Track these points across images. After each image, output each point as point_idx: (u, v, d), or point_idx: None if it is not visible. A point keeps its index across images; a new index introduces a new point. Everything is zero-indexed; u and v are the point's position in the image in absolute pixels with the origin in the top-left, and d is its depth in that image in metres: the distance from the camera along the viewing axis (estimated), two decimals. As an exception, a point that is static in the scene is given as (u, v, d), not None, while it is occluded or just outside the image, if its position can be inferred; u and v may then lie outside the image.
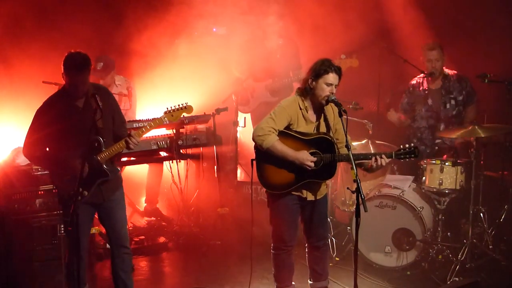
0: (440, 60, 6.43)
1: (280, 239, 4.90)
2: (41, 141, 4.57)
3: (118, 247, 4.79)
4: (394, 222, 5.86)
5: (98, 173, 4.59)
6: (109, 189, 4.71)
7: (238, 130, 7.62)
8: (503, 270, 5.71)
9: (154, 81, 7.33)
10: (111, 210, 4.75)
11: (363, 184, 4.46)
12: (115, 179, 4.76)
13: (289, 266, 5.03)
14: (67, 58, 4.49)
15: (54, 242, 5.57)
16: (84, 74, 4.48)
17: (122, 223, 4.82)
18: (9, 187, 5.48)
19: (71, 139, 4.55)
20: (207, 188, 7.10)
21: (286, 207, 4.81)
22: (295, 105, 4.74)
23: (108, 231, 4.83)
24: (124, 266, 4.83)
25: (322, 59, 4.73)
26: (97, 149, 4.56)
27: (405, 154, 4.69)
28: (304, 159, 4.63)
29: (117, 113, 4.79)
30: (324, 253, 5.05)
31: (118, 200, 4.80)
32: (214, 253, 6.37)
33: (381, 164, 4.62)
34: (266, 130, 4.65)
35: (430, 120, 6.56)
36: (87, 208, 4.65)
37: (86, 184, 4.54)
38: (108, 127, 4.65)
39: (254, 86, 7.33)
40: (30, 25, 6.79)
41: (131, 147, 4.57)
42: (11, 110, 6.46)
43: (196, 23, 7.50)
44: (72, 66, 4.45)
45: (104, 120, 4.57)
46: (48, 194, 5.58)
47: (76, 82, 4.48)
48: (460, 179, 5.92)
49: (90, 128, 4.51)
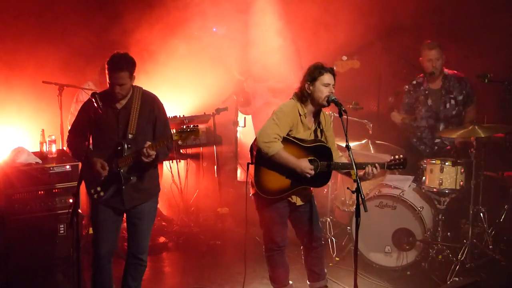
0: (439, 59, 6.43)
1: (272, 241, 4.93)
2: (80, 131, 4.62)
3: (135, 257, 4.78)
4: (394, 222, 5.86)
5: (115, 177, 4.58)
6: (133, 198, 4.65)
7: (238, 130, 7.63)
8: (503, 270, 5.72)
9: (154, 81, 7.31)
10: (135, 220, 4.71)
11: (363, 184, 4.45)
12: (143, 190, 4.68)
13: (283, 266, 5.05)
14: (111, 57, 4.51)
15: (54, 242, 5.58)
16: (120, 75, 4.46)
17: (144, 235, 4.78)
18: (9, 187, 5.48)
19: (101, 138, 4.60)
20: (207, 188, 7.10)
21: (277, 210, 4.84)
22: (295, 111, 4.76)
23: (129, 239, 4.81)
24: (135, 273, 4.82)
25: (313, 63, 4.79)
26: (118, 154, 4.56)
27: (396, 165, 4.77)
28: (305, 168, 4.67)
29: (161, 125, 4.69)
30: (320, 253, 5.06)
31: (145, 212, 4.72)
32: (214, 253, 6.37)
33: (373, 173, 4.67)
34: (271, 137, 4.65)
35: (430, 120, 6.56)
36: (109, 211, 4.65)
37: (104, 186, 4.57)
38: (142, 135, 4.58)
39: (256, 87, 7.33)
40: (30, 25, 6.79)
41: (144, 159, 4.47)
42: (11, 110, 6.46)
43: (196, 23, 7.49)
44: (109, 66, 4.48)
45: (138, 126, 4.56)
46: (48, 194, 5.59)
47: (112, 82, 4.48)
48: (460, 179, 5.93)
49: (120, 131, 4.55)
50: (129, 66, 4.51)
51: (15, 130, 6.37)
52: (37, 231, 5.52)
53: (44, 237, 5.55)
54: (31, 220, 5.50)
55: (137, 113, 4.56)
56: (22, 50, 6.64)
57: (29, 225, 5.50)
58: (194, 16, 7.32)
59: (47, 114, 6.52)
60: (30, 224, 5.50)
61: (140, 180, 4.64)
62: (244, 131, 7.90)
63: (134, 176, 4.61)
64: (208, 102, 7.17)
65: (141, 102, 4.58)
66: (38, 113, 6.55)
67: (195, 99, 7.18)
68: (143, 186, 4.67)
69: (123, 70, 4.47)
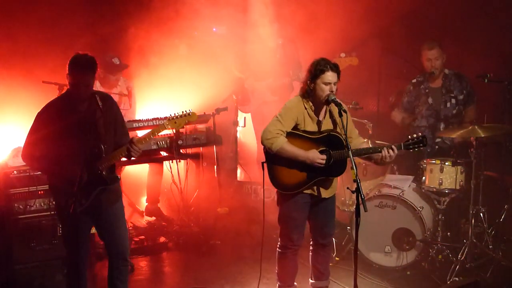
0: (439, 59, 6.42)
1: (288, 238, 4.92)
2: (41, 141, 4.47)
3: (118, 260, 4.72)
4: (394, 222, 5.86)
5: (97, 180, 4.49)
6: (108, 199, 4.60)
7: (238, 130, 7.63)
8: (503, 270, 5.71)
9: (154, 81, 7.33)
10: (110, 226, 4.64)
11: (363, 184, 4.47)
12: (115, 190, 4.66)
13: (293, 266, 5.05)
14: (72, 58, 4.46)
15: (54, 242, 5.58)
16: (87, 75, 4.43)
17: (123, 237, 4.72)
18: (9, 187, 5.47)
19: (71, 142, 4.46)
20: (207, 188, 7.10)
21: (296, 206, 4.84)
22: (300, 105, 4.76)
23: (108, 245, 4.72)
24: (122, 276, 4.76)
25: (317, 59, 4.74)
26: (97, 155, 4.47)
27: (414, 144, 4.71)
28: (314, 158, 4.66)
29: (120, 123, 4.67)
30: (328, 252, 5.09)
31: (117, 214, 4.67)
32: (214, 253, 6.37)
33: (391, 156, 4.64)
34: (274, 132, 4.68)
35: (430, 119, 6.55)
36: (84, 218, 4.55)
37: (85, 192, 4.47)
38: (110, 135, 4.56)
39: (255, 86, 7.33)
40: (31, 25, 6.78)
41: (133, 155, 4.44)
42: (11, 110, 6.45)
43: (196, 23, 7.49)
44: (76, 66, 4.42)
45: (105, 127, 4.51)
46: (48, 194, 5.58)
47: (79, 83, 4.42)
48: (460, 179, 5.92)
49: (90, 133, 4.47)
50: (93, 66, 4.46)
51: (15, 130, 6.36)
52: (37, 231, 5.52)
53: (44, 237, 5.55)
54: (31, 220, 5.51)
55: (101, 113, 4.48)
56: (22, 50, 6.64)
57: (29, 225, 5.50)
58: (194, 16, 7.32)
59: (47, 114, 6.50)
60: (30, 224, 5.50)
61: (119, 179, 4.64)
62: (244, 131, 7.90)
63: (113, 175, 4.55)
64: (208, 102, 7.17)
65: (101, 102, 4.49)
66: (38, 113, 6.53)
67: (195, 99, 7.18)
68: (115, 186, 4.64)
69: (89, 71, 4.43)
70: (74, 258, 4.63)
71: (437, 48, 6.41)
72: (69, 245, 4.61)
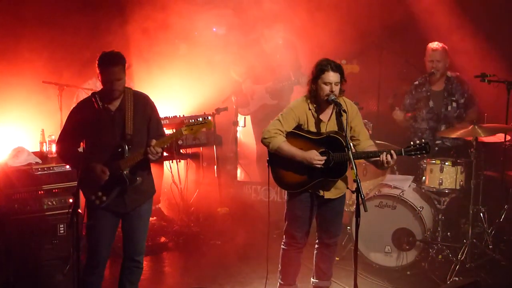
0: (441, 62, 6.42)
1: (291, 235, 4.94)
2: (71, 138, 4.57)
3: (131, 260, 4.72)
4: (394, 222, 5.86)
5: (117, 180, 4.49)
6: (134, 200, 4.59)
7: (238, 130, 7.63)
8: (503, 270, 5.71)
9: (154, 81, 7.32)
10: (133, 223, 4.64)
11: (363, 184, 4.47)
12: (142, 191, 4.64)
13: (296, 265, 5.05)
14: (101, 56, 4.46)
15: (54, 242, 5.58)
16: (118, 69, 4.42)
17: (141, 238, 4.72)
18: (9, 187, 5.48)
19: (98, 141, 4.52)
20: (207, 188, 7.10)
21: (301, 205, 4.85)
22: (303, 105, 4.77)
23: (125, 242, 4.72)
24: (132, 278, 4.76)
25: (320, 59, 4.75)
26: (119, 155, 4.48)
27: (416, 151, 4.62)
28: (311, 158, 4.66)
29: (155, 124, 4.64)
30: (332, 252, 5.09)
31: (143, 214, 4.67)
32: (214, 253, 6.37)
33: (389, 162, 4.57)
34: (272, 132, 4.71)
35: (431, 122, 6.55)
36: (109, 216, 4.58)
37: (106, 190, 4.50)
38: (139, 135, 4.53)
39: (254, 89, 7.33)
40: (31, 25, 6.79)
41: (151, 158, 4.42)
42: (11, 110, 6.46)
43: (196, 23, 7.50)
44: (104, 62, 4.42)
45: (134, 127, 4.51)
46: (48, 194, 5.59)
47: (110, 78, 4.41)
48: (460, 179, 5.93)
49: (117, 133, 4.49)
50: (121, 60, 4.47)
51: (15, 130, 6.36)
52: (37, 231, 5.52)
53: (44, 237, 5.55)
54: (31, 220, 5.50)
55: (132, 113, 4.50)
56: (22, 50, 6.64)
57: (29, 225, 5.50)
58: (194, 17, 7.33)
59: (47, 114, 6.52)
60: (30, 224, 5.50)
61: (141, 181, 4.61)
62: (244, 131, 7.90)
63: (139, 177, 4.55)
64: (208, 102, 7.17)
65: (134, 102, 4.53)
66: (38, 113, 6.54)
67: (195, 99, 7.19)
68: (142, 187, 4.63)
69: (118, 64, 4.44)
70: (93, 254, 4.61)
71: (441, 51, 6.42)
72: (90, 241, 4.63)
